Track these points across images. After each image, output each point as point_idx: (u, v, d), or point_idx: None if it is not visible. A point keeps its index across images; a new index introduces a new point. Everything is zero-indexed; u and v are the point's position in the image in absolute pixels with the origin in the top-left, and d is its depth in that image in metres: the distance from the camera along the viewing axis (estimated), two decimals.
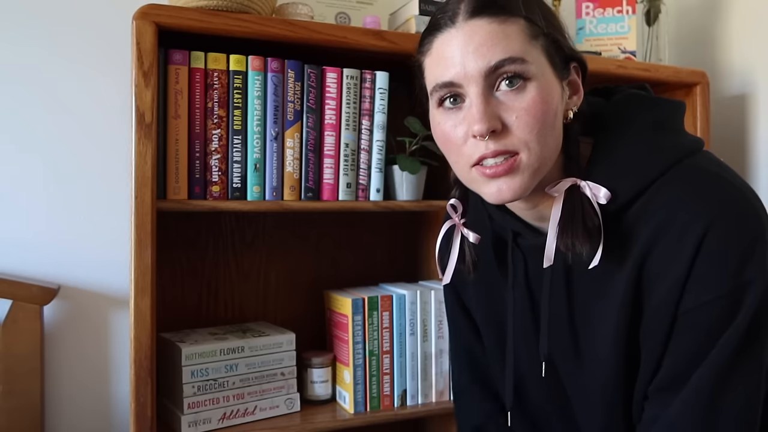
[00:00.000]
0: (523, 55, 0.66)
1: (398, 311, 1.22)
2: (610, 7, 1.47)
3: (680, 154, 0.70)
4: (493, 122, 0.66)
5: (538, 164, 0.68)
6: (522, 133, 0.66)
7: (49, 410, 1.22)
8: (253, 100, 1.10)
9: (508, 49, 0.66)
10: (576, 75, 0.73)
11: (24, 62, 1.22)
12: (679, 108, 0.77)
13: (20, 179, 1.22)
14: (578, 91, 0.74)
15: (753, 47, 1.56)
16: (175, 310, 1.27)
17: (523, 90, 0.66)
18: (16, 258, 1.21)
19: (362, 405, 1.19)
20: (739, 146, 1.58)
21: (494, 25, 0.66)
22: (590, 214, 0.70)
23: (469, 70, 0.66)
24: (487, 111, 0.66)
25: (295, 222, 1.38)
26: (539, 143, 0.67)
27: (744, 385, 0.65)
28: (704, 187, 0.67)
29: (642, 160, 0.71)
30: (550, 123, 0.68)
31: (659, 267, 0.68)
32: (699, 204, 0.66)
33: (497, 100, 0.67)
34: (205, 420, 1.09)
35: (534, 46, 0.67)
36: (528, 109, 0.66)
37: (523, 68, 0.66)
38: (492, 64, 0.66)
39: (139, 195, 0.99)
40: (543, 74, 0.68)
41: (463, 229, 0.82)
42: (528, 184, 0.69)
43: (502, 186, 0.68)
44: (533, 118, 0.66)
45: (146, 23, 0.99)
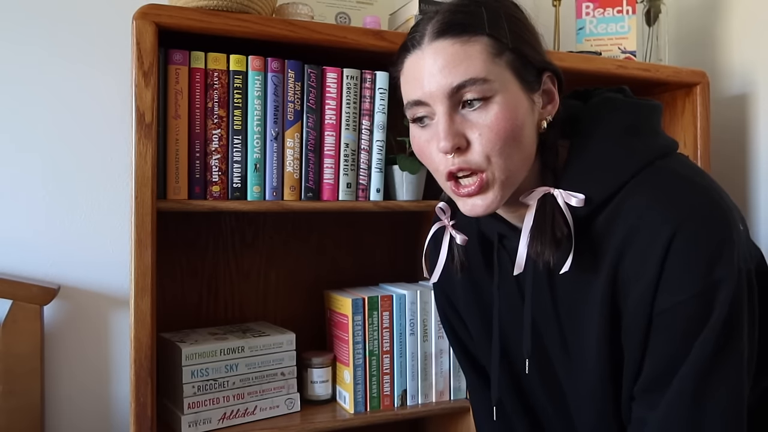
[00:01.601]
0: (485, 75, 0.69)
1: (398, 311, 1.22)
2: (610, 7, 1.47)
3: (651, 156, 0.72)
4: (456, 140, 0.69)
5: (505, 177, 0.71)
6: (485, 150, 0.70)
7: (49, 410, 1.22)
8: (253, 100, 1.10)
9: (469, 70, 0.68)
10: (551, 84, 0.75)
11: (24, 62, 1.22)
12: (654, 110, 0.79)
13: (20, 179, 1.22)
14: (553, 100, 0.75)
15: (753, 47, 1.56)
16: (175, 310, 1.27)
17: (485, 108, 0.69)
18: (16, 258, 1.21)
19: (362, 405, 1.19)
20: (739, 146, 1.58)
21: (456, 46, 0.69)
22: (559, 223, 0.72)
23: (433, 90, 0.70)
24: (450, 129, 0.69)
25: (295, 222, 1.38)
26: (502, 158, 0.70)
27: (725, 384, 0.66)
28: (673, 190, 0.69)
29: (613, 163, 0.73)
30: (515, 137, 0.70)
31: (632, 270, 0.70)
32: (668, 208, 0.68)
33: (462, 118, 0.70)
34: (205, 420, 1.09)
35: (497, 63, 0.69)
36: (491, 126, 0.69)
37: (484, 88, 0.69)
38: (454, 85, 0.69)
39: (139, 195, 0.99)
40: (507, 90, 0.70)
41: (452, 230, 0.85)
42: (499, 197, 0.72)
43: (476, 202, 0.72)
44: (496, 134, 0.69)
45: (146, 23, 0.99)
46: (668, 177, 0.70)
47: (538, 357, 0.83)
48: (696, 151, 1.44)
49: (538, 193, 0.74)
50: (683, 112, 1.47)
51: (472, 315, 0.92)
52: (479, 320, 0.91)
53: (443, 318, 1.02)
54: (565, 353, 0.80)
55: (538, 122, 0.74)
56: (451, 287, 0.96)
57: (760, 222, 1.53)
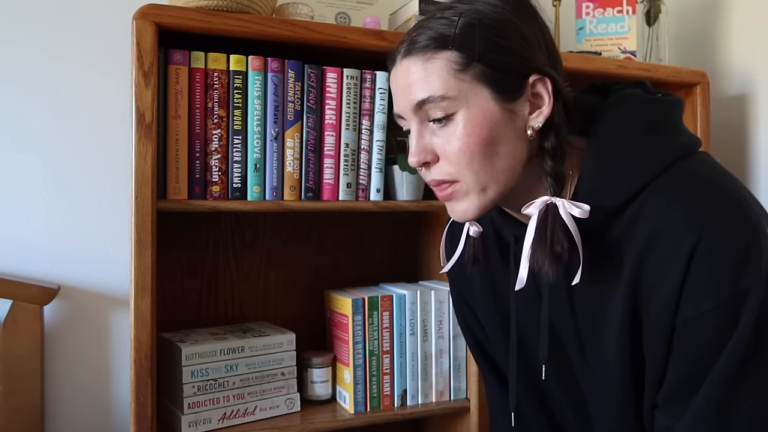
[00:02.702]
0: (443, 92, 0.68)
1: (398, 311, 1.22)
2: (610, 7, 1.47)
3: (672, 157, 0.70)
4: (423, 155, 0.71)
5: (480, 187, 0.71)
6: (452, 164, 0.70)
7: (49, 410, 1.22)
8: (253, 100, 1.10)
9: (427, 88, 0.69)
10: (542, 87, 0.71)
11: (24, 62, 1.22)
12: (675, 105, 0.77)
13: (20, 179, 1.22)
14: (542, 105, 0.71)
15: (753, 47, 1.56)
16: (175, 310, 1.27)
17: (449, 123, 0.69)
18: (16, 258, 1.21)
19: (362, 405, 1.19)
20: (739, 146, 1.58)
21: (418, 65, 0.70)
22: (559, 236, 0.69)
23: (403, 107, 0.72)
24: (419, 145, 0.71)
25: (295, 222, 1.38)
26: (472, 171, 0.70)
27: (753, 396, 0.64)
28: (695, 193, 0.66)
29: (633, 164, 0.70)
30: (485, 150, 0.69)
31: (654, 276, 0.67)
32: (691, 211, 0.65)
33: (431, 132, 0.71)
34: (205, 420, 1.09)
35: (461, 78, 0.68)
36: (454, 142, 0.69)
37: (443, 105, 0.69)
38: (415, 103, 0.70)
39: (139, 195, 0.99)
40: (472, 104, 0.69)
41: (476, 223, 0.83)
42: (477, 204, 0.72)
43: (454, 208, 0.73)
44: (460, 150, 0.69)
45: (146, 23, 0.99)
46: (690, 179, 0.68)
47: (558, 362, 0.81)
48: None
49: (538, 204, 0.71)
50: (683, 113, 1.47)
51: (490, 316, 0.91)
52: (497, 321, 0.89)
53: (461, 321, 0.99)
54: (583, 358, 0.78)
55: (524, 129, 0.71)
56: (469, 288, 0.94)
57: None
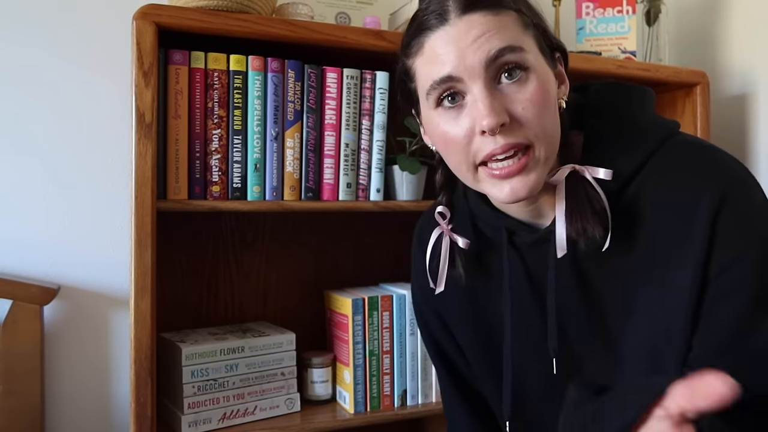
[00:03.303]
0: (521, 44, 0.66)
1: (398, 311, 1.22)
2: (610, 7, 1.47)
3: (668, 131, 0.72)
4: (502, 116, 0.64)
5: (548, 155, 0.67)
6: (531, 125, 0.65)
7: (49, 410, 1.22)
8: (253, 100, 1.10)
9: (506, 38, 0.65)
10: (561, 66, 0.74)
11: (24, 62, 1.22)
12: (650, 94, 0.79)
13: (20, 179, 1.22)
14: (564, 81, 0.74)
15: (753, 47, 1.56)
16: (175, 310, 1.27)
17: (525, 81, 0.66)
18: (16, 258, 1.21)
19: (362, 405, 1.19)
20: (739, 146, 1.58)
21: (489, 17, 0.65)
22: (596, 196, 0.68)
23: (469, 62, 0.65)
24: (494, 105, 0.64)
25: (295, 222, 1.38)
26: (547, 133, 0.67)
27: None
28: (704, 153, 0.68)
29: (632, 139, 0.71)
30: (553, 112, 0.68)
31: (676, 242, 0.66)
32: (706, 168, 0.67)
33: (501, 93, 0.65)
34: (205, 420, 1.09)
35: (528, 35, 0.67)
36: (533, 99, 0.65)
37: (522, 57, 0.65)
38: (492, 53, 0.64)
39: (139, 195, 0.99)
40: (540, 64, 0.68)
41: (453, 234, 0.80)
42: (541, 178, 0.68)
43: (516, 185, 0.66)
44: (539, 108, 0.65)
45: (146, 23, 0.99)
46: (692, 144, 0.70)
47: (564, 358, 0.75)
48: None
49: (564, 171, 0.69)
50: (683, 112, 1.47)
51: (468, 333, 0.86)
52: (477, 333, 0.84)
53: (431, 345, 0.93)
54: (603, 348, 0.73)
55: (558, 102, 0.71)
56: (445, 306, 0.88)
57: None
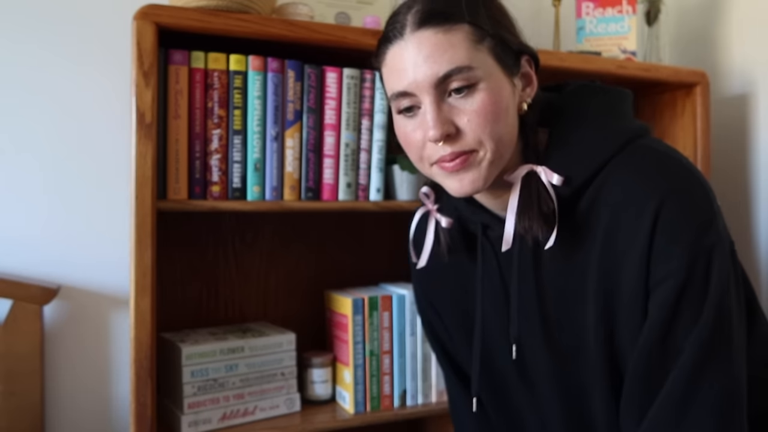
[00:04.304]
0: (469, 63, 0.69)
1: (398, 311, 1.22)
2: (610, 7, 1.47)
3: (630, 136, 0.74)
4: (446, 127, 0.70)
5: (494, 157, 0.72)
6: (475, 134, 0.71)
7: (49, 410, 1.22)
8: (253, 100, 1.10)
9: (454, 58, 0.69)
10: (528, 67, 0.77)
11: (24, 62, 1.22)
12: (626, 96, 0.81)
13: (20, 179, 1.22)
14: (531, 82, 0.77)
15: (753, 47, 1.56)
16: (175, 310, 1.27)
17: (472, 94, 0.70)
18: (16, 258, 1.21)
19: (362, 405, 1.19)
20: (739, 146, 1.58)
21: (439, 35, 0.69)
22: (545, 198, 0.73)
23: (419, 80, 0.70)
24: (439, 118, 0.70)
25: (295, 222, 1.38)
26: (492, 140, 0.71)
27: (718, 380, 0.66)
28: (654, 164, 0.71)
29: (594, 143, 0.74)
30: (502, 120, 0.72)
31: (623, 245, 0.71)
32: (652, 179, 0.69)
33: (449, 105, 0.71)
34: (205, 420, 1.09)
35: (479, 50, 0.70)
36: (478, 111, 0.70)
37: (469, 75, 0.69)
38: (440, 75, 0.69)
39: (139, 195, 0.99)
40: (490, 75, 0.71)
41: (437, 214, 0.87)
42: (486, 176, 0.73)
43: (463, 179, 0.73)
44: (484, 118, 0.70)
45: (146, 23, 0.99)
46: (648, 153, 0.72)
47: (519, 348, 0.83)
48: (696, 151, 1.44)
49: (522, 170, 0.75)
50: (683, 112, 1.47)
51: (452, 312, 0.93)
52: (459, 316, 0.92)
53: (426, 324, 1.03)
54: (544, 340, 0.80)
55: (519, 104, 0.76)
56: (432, 287, 0.97)
57: (760, 222, 1.53)
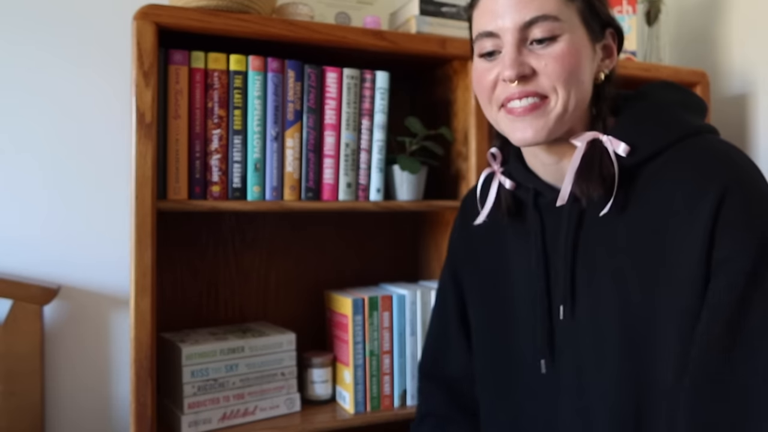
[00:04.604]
0: (556, 13, 0.72)
1: (398, 311, 1.22)
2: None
3: (700, 128, 0.75)
4: (522, 68, 0.72)
5: (563, 110, 0.73)
6: (549, 79, 0.72)
7: (49, 410, 1.22)
8: (253, 100, 1.10)
9: (543, 6, 0.71)
10: (612, 41, 0.78)
11: (24, 62, 1.22)
12: (703, 103, 0.83)
13: (20, 179, 1.22)
14: (612, 55, 0.78)
15: (753, 47, 1.56)
16: (175, 310, 1.27)
17: (552, 44, 0.72)
18: (16, 258, 1.21)
19: (362, 405, 1.19)
20: (740, 146, 1.57)
21: None
22: (607, 164, 0.73)
23: (506, 23, 0.72)
24: (517, 58, 0.72)
25: (295, 222, 1.38)
26: (565, 90, 0.72)
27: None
28: (722, 154, 0.71)
29: (664, 124, 0.75)
30: (577, 75, 0.73)
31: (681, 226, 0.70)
32: (717, 168, 0.69)
33: (529, 50, 0.73)
34: (205, 420, 1.09)
35: (568, 5, 0.73)
36: (556, 57, 0.72)
37: (554, 26, 0.71)
38: (527, 19, 0.71)
39: (139, 195, 0.99)
40: (574, 32, 0.73)
41: (501, 176, 0.86)
42: (552, 127, 0.73)
43: (528, 127, 0.74)
44: (561, 66, 0.72)
45: (146, 23, 0.99)
46: (716, 143, 0.73)
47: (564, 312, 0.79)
48: None
49: (587, 136, 0.75)
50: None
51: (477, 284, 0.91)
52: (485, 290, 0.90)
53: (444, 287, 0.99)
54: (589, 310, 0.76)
55: (596, 73, 0.77)
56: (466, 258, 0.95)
57: None
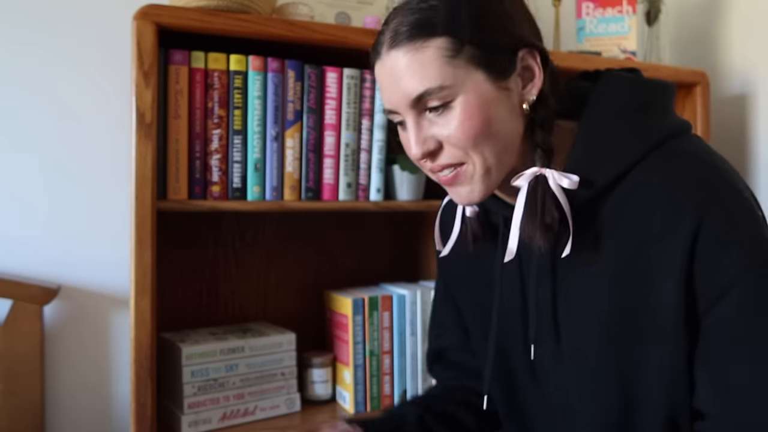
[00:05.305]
0: (441, 82, 0.67)
1: (398, 311, 1.22)
2: (611, 7, 1.47)
3: (662, 136, 0.69)
4: (425, 146, 0.70)
5: (484, 170, 0.70)
6: (456, 150, 0.69)
7: (49, 410, 1.22)
8: (253, 100, 1.10)
9: (425, 79, 0.67)
10: (532, 60, 0.71)
11: (24, 62, 1.22)
12: (666, 89, 0.76)
13: (20, 179, 1.22)
14: (533, 77, 0.71)
15: (753, 47, 1.56)
16: (175, 310, 1.27)
17: (448, 111, 0.68)
18: (16, 258, 1.21)
19: (362, 405, 1.19)
20: (739, 146, 1.58)
21: (409, 55, 0.68)
22: (550, 207, 0.69)
23: (396, 102, 0.70)
24: (419, 137, 0.70)
25: (295, 222, 1.38)
26: (477, 152, 0.69)
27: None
28: (686, 171, 0.66)
29: (622, 142, 0.70)
30: (486, 131, 0.68)
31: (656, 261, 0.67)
32: (684, 190, 0.65)
33: (430, 121, 0.70)
34: (206, 420, 1.09)
35: (455, 64, 0.67)
36: (456, 126, 0.68)
37: (442, 95, 0.67)
38: (413, 97, 0.68)
39: (139, 195, 0.99)
40: (469, 89, 0.67)
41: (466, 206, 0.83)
42: (481, 188, 0.71)
43: (459, 192, 0.72)
44: (462, 132, 0.68)
45: (146, 23, 0.99)
46: (681, 158, 0.68)
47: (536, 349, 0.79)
48: None
49: (528, 175, 0.70)
50: (683, 112, 1.47)
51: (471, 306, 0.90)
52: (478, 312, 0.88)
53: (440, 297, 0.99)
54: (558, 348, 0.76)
55: (519, 104, 0.71)
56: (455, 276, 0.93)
57: None
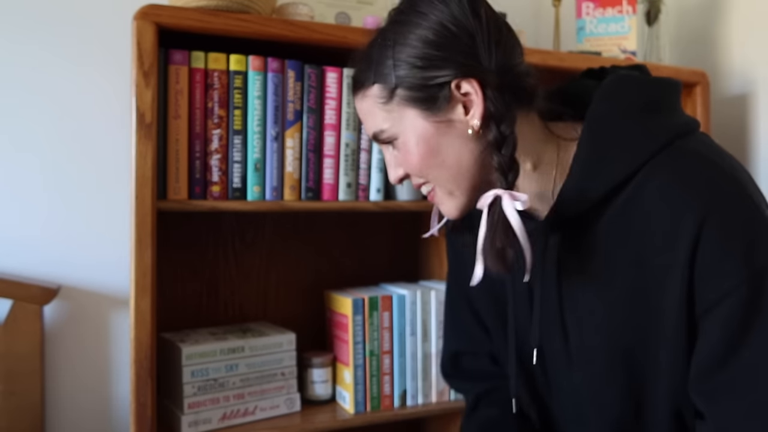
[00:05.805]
0: (380, 126, 0.75)
1: (398, 311, 1.22)
2: (611, 7, 1.47)
3: (669, 136, 0.69)
4: (398, 171, 0.79)
5: (447, 191, 0.76)
6: (420, 175, 0.76)
7: (49, 410, 1.22)
8: (253, 100, 1.10)
9: (372, 124, 0.76)
10: (468, 86, 0.70)
11: (24, 62, 1.22)
12: (672, 87, 0.76)
13: (20, 179, 1.22)
14: (471, 103, 0.71)
15: (753, 47, 1.56)
16: (175, 310, 1.27)
17: (397, 148, 0.76)
18: (16, 258, 1.21)
19: (362, 405, 1.19)
20: (740, 146, 1.58)
21: (360, 103, 0.78)
22: (500, 235, 0.68)
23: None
24: (392, 164, 0.80)
25: (295, 222, 1.38)
26: (433, 180, 0.75)
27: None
28: (694, 172, 0.66)
29: (629, 143, 0.69)
30: (431, 162, 0.73)
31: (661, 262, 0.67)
32: (692, 190, 0.65)
33: (392, 154, 0.79)
34: (206, 420, 1.09)
35: (388, 109, 0.74)
36: (405, 161, 0.75)
37: (385, 136, 0.76)
38: (372, 136, 0.78)
39: (139, 195, 0.99)
40: (407, 126, 0.73)
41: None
42: (457, 205, 0.76)
43: (441, 207, 0.78)
44: (410, 164, 0.75)
45: (146, 23, 0.99)
46: (689, 158, 0.67)
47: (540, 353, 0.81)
48: None
49: (488, 197, 0.70)
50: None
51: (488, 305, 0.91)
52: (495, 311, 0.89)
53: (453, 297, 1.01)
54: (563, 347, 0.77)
55: (465, 130, 0.72)
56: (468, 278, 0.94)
57: None
